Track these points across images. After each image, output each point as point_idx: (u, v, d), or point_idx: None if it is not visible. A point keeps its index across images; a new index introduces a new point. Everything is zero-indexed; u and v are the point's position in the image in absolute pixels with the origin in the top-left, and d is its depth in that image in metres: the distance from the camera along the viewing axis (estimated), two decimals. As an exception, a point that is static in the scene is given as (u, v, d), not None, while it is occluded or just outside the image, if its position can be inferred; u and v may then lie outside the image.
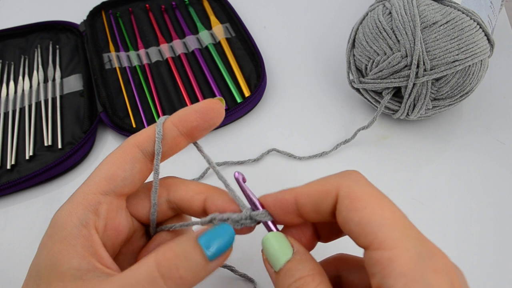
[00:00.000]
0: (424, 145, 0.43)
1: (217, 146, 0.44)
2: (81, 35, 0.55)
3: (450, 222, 0.37)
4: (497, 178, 0.40)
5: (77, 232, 0.21)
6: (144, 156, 0.24)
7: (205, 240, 0.21)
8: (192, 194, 0.25)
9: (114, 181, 0.23)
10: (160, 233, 0.26)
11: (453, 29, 0.37)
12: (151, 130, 0.24)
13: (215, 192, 0.25)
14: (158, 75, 0.50)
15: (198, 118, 0.24)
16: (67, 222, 0.21)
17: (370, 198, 0.20)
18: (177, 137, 0.24)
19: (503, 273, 0.34)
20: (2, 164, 0.43)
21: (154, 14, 0.58)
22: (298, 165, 0.42)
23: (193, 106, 0.24)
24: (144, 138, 0.24)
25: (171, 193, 0.25)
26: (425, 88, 0.38)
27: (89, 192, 0.22)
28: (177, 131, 0.24)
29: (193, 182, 0.26)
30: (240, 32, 0.53)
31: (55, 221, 0.22)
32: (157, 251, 0.20)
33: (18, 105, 0.48)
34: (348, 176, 0.22)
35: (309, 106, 0.47)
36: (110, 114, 0.45)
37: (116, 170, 0.23)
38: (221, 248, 0.21)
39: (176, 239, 0.21)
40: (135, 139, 0.24)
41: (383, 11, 0.40)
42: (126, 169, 0.23)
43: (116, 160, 0.23)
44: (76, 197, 0.22)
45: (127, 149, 0.23)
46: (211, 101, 0.24)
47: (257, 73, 0.48)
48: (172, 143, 0.24)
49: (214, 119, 0.24)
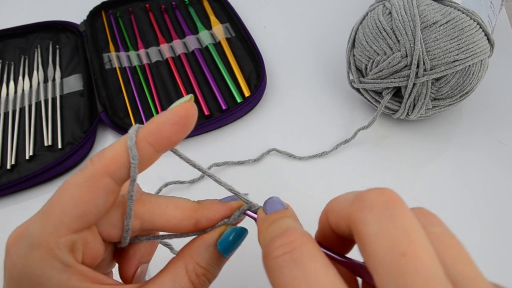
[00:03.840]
0: (424, 145, 0.43)
1: (217, 146, 0.44)
2: (81, 35, 0.55)
3: (450, 222, 0.37)
4: (497, 178, 0.40)
5: (67, 275, 0.19)
6: (118, 184, 0.20)
7: (225, 248, 0.23)
8: (176, 222, 0.22)
9: (85, 218, 0.20)
10: (137, 244, 0.24)
11: (453, 29, 0.37)
12: (122, 152, 0.20)
13: (203, 210, 0.23)
14: (158, 75, 0.50)
15: (176, 132, 0.20)
16: (49, 270, 0.19)
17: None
18: (152, 156, 0.20)
19: (503, 273, 0.34)
20: (2, 164, 0.43)
21: (154, 14, 0.58)
22: (298, 165, 0.42)
23: (166, 115, 0.20)
24: (116, 165, 0.20)
25: (146, 223, 0.22)
26: (425, 88, 0.38)
27: (60, 234, 0.19)
28: (152, 149, 0.20)
29: (169, 205, 0.23)
30: (240, 32, 0.53)
31: (26, 271, 0.19)
32: (187, 267, 0.22)
33: (18, 105, 0.48)
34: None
35: (309, 106, 0.47)
36: (110, 114, 0.45)
37: (87, 207, 0.20)
38: (236, 247, 0.23)
39: (198, 250, 0.22)
40: (103, 165, 0.20)
41: (383, 11, 0.40)
42: (99, 204, 0.20)
43: (86, 195, 0.19)
44: (45, 241, 0.19)
45: (97, 181, 0.19)
46: (185, 107, 0.20)
47: (257, 73, 0.48)
48: (147, 163, 0.21)
49: (191, 126, 0.21)
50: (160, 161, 0.27)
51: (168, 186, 0.41)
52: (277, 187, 0.40)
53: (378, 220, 0.16)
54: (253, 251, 0.26)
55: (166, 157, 0.31)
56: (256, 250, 0.24)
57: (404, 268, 0.14)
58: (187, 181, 0.41)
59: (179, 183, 0.41)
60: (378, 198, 0.16)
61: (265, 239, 0.19)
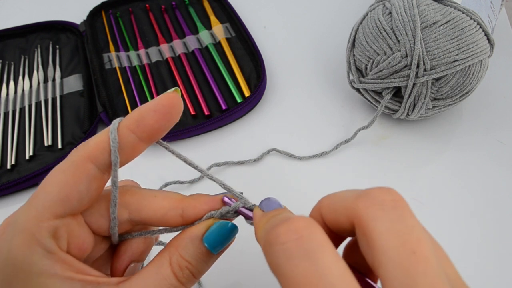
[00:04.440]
0: (424, 145, 0.43)
1: (217, 146, 0.44)
2: (81, 35, 0.55)
3: (450, 222, 0.37)
4: (497, 178, 0.40)
5: (49, 261, 0.19)
6: (100, 171, 0.20)
7: (211, 242, 0.22)
8: (163, 212, 0.22)
9: (68, 203, 0.20)
10: (129, 240, 0.24)
11: (453, 29, 0.37)
12: (105, 138, 0.20)
13: (190, 200, 0.23)
14: (158, 75, 0.50)
15: (158, 119, 0.20)
16: (30, 255, 0.19)
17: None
18: (135, 144, 0.20)
19: (503, 273, 0.34)
20: (2, 164, 0.43)
21: (154, 14, 0.58)
22: (298, 165, 0.42)
23: (149, 104, 0.21)
24: (99, 150, 0.20)
25: (133, 214, 0.22)
26: (425, 88, 0.38)
27: (42, 218, 0.19)
28: (135, 137, 0.20)
29: (157, 196, 0.23)
30: (240, 32, 0.53)
31: (9, 258, 0.19)
32: (171, 259, 0.21)
33: (18, 105, 0.48)
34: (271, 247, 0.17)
35: (309, 106, 0.47)
36: (110, 114, 0.45)
37: (69, 192, 0.20)
38: (224, 243, 0.22)
39: (183, 243, 0.22)
40: (87, 151, 0.20)
41: (383, 11, 0.40)
42: (81, 189, 0.20)
43: (68, 179, 0.20)
44: (27, 226, 0.19)
45: (80, 165, 0.20)
46: (169, 96, 0.21)
47: (257, 73, 0.48)
48: (131, 151, 0.21)
49: (175, 116, 0.21)
50: (160, 161, 0.27)
51: (168, 186, 0.41)
52: (277, 187, 0.40)
53: (389, 218, 0.16)
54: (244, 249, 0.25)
55: (166, 157, 0.31)
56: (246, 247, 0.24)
57: (415, 265, 0.15)
58: (187, 181, 0.41)
59: (179, 183, 0.41)
60: (387, 196, 0.17)
61: (265, 229, 0.18)
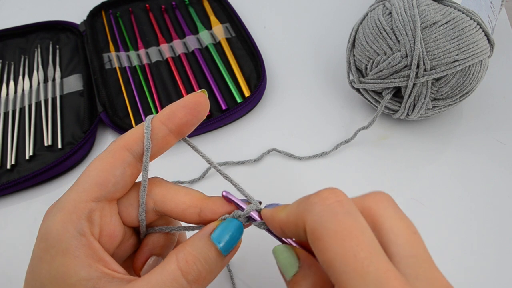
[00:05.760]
0: (424, 145, 0.43)
1: (217, 146, 0.44)
2: (81, 35, 0.55)
3: (450, 222, 0.37)
4: (497, 178, 0.40)
5: (77, 243, 0.21)
6: (135, 158, 0.23)
7: (217, 236, 0.22)
8: (184, 208, 0.24)
9: (105, 187, 0.22)
10: (151, 234, 0.26)
11: (453, 29, 0.37)
12: (140, 130, 0.23)
13: (209, 202, 0.24)
14: (158, 75, 0.50)
15: (187, 114, 0.23)
16: (63, 233, 0.21)
17: (332, 239, 0.18)
18: (166, 136, 0.23)
19: (503, 273, 0.34)
20: (2, 164, 0.43)
21: (154, 14, 0.58)
22: (298, 165, 0.42)
23: (179, 102, 0.23)
24: (134, 140, 0.23)
25: (158, 204, 0.24)
26: (425, 88, 0.38)
27: (80, 200, 0.21)
28: (166, 129, 0.23)
29: (181, 191, 0.24)
30: (240, 32, 0.53)
31: (46, 232, 0.21)
32: (177, 255, 0.21)
33: (18, 105, 0.48)
34: (311, 209, 0.19)
35: (309, 106, 0.47)
36: (110, 114, 0.45)
37: (106, 176, 0.22)
38: (233, 242, 0.23)
39: (191, 240, 0.22)
40: (123, 140, 0.23)
41: (383, 11, 0.40)
42: (117, 174, 0.22)
43: (106, 165, 0.22)
44: (66, 206, 0.21)
45: (117, 153, 0.22)
46: (196, 95, 0.23)
47: (257, 73, 0.48)
48: (162, 142, 0.23)
49: (202, 113, 0.23)
50: (159, 161, 0.27)
51: (168, 186, 0.41)
52: (277, 187, 0.40)
53: (393, 208, 0.20)
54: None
55: (166, 157, 0.31)
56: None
57: (417, 241, 0.19)
58: (187, 181, 0.41)
59: (179, 183, 0.41)
60: (385, 195, 0.21)
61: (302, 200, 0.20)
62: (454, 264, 0.35)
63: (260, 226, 0.24)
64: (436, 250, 0.36)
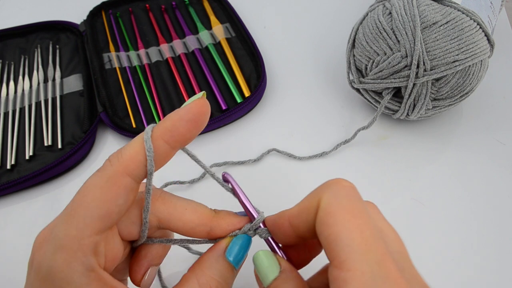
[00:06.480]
0: (424, 145, 0.43)
1: (217, 146, 0.44)
2: (81, 35, 0.55)
3: (450, 222, 0.37)
4: (497, 178, 0.40)
5: (86, 280, 0.20)
6: (136, 182, 0.21)
7: (234, 255, 0.23)
8: (192, 226, 0.23)
9: (109, 219, 0.20)
10: (149, 245, 0.25)
11: (453, 29, 0.37)
12: (139, 150, 0.21)
13: (219, 219, 0.24)
14: (158, 75, 0.50)
15: (190, 128, 0.21)
16: (71, 273, 0.19)
17: (343, 214, 0.19)
18: (168, 152, 0.21)
19: (503, 273, 0.34)
20: (2, 164, 0.43)
21: (154, 14, 0.58)
22: (298, 165, 0.42)
23: (180, 113, 0.21)
24: (135, 164, 0.21)
25: (163, 222, 0.23)
26: (425, 88, 0.38)
27: (83, 236, 0.20)
28: (168, 147, 0.21)
29: (188, 208, 0.24)
30: (240, 32, 0.53)
31: (50, 273, 0.19)
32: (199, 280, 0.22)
33: (18, 105, 0.48)
34: (329, 187, 0.21)
35: (309, 106, 0.47)
36: (110, 114, 0.45)
37: (109, 207, 0.20)
38: (244, 256, 0.24)
39: (208, 263, 0.23)
40: (123, 165, 0.20)
41: (383, 11, 0.40)
42: (120, 203, 0.21)
43: (107, 195, 0.20)
44: (68, 244, 0.20)
45: (118, 181, 0.20)
46: (199, 104, 0.21)
47: (257, 73, 0.48)
48: (163, 160, 0.21)
49: (205, 123, 0.22)
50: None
51: (168, 186, 0.41)
52: (277, 187, 0.40)
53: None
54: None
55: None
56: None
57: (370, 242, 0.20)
58: (187, 181, 0.41)
59: (179, 183, 0.41)
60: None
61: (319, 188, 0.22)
62: (454, 264, 0.35)
63: (263, 234, 0.24)
64: (436, 250, 0.36)
